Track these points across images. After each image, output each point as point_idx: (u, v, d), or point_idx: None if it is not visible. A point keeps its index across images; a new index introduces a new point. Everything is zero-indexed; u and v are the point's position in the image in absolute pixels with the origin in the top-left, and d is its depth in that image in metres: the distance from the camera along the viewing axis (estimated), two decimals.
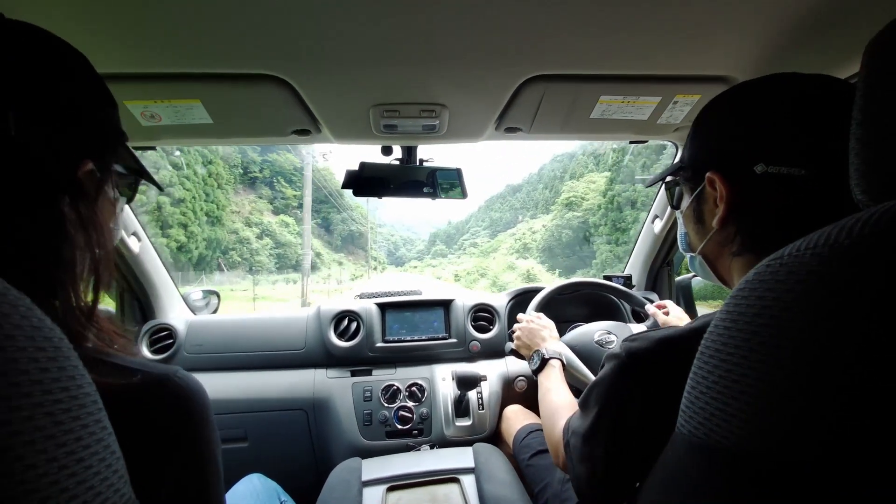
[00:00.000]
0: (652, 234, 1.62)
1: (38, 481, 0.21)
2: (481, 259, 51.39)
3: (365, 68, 0.77)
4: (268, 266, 37.38)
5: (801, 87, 0.50)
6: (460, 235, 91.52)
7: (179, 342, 1.48)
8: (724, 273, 0.59)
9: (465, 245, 75.90)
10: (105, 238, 0.44)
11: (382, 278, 56.92)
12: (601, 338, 1.20)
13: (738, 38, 0.74)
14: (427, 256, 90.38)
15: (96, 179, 0.43)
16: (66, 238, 0.39)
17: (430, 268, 68.86)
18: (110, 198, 0.47)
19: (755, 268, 0.34)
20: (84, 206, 0.40)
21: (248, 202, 41.84)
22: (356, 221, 66.15)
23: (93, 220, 0.42)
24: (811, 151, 0.47)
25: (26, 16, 0.58)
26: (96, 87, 0.44)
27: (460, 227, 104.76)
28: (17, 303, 0.23)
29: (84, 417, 0.25)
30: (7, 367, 0.21)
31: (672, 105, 0.95)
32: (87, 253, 0.41)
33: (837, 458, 0.27)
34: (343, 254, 59.63)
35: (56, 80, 0.39)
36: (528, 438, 1.18)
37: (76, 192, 0.40)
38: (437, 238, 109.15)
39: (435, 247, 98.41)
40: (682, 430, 0.37)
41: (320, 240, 58.06)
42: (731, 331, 0.34)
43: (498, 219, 78.79)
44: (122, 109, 0.85)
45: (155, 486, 0.41)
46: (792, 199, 0.48)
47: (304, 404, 1.42)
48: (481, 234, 79.59)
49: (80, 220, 0.40)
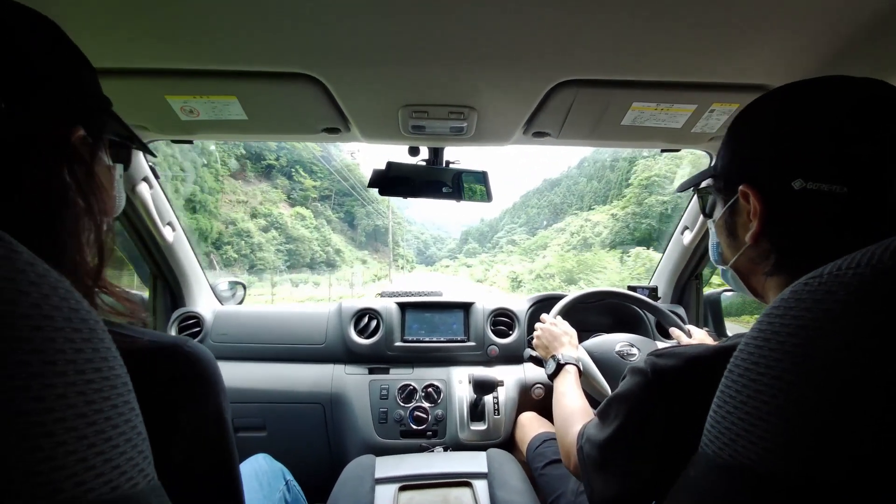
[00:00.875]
0: (681, 246, 1.57)
1: (66, 458, 0.22)
2: (523, 257, 45.65)
3: (396, 68, 0.78)
4: (274, 263, 31.45)
5: (851, 93, 0.46)
6: (494, 233, 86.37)
7: (206, 330, 1.53)
8: (759, 289, 0.56)
9: (500, 243, 69.33)
10: (105, 203, 0.45)
11: (411, 278, 52.99)
12: (623, 349, 1.17)
13: (780, 44, 0.71)
14: (460, 255, 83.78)
15: (89, 145, 0.44)
16: (67, 204, 0.40)
17: (465, 268, 61.04)
18: (106, 164, 0.48)
19: (792, 286, 0.33)
20: (82, 172, 0.41)
21: (261, 192, 36.77)
22: (382, 216, 60.30)
23: (91, 184, 0.42)
24: (855, 167, 0.43)
25: (73, 11, 0.62)
26: (71, 53, 0.44)
27: (494, 224, 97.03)
28: (57, 284, 0.24)
29: (114, 398, 0.26)
30: (44, 345, 0.22)
31: (708, 114, 0.92)
32: (89, 218, 0.42)
33: (870, 479, 0.26)
34: (367, 251, 54.25)
35: (30, 47, 0.39)
36: (542, 447, 1.17)
37: (72, 158, 0.41)
38: (468, 236, 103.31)
39: (467, 245, 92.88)
40: (707, 450, 0.36)
41: (343, 236, 51.50)
42: (762, 350, 0.32)
43: (535, 215, 74.22)
44: (163, 103, 0.88)
45: (165, 451, 0.42)
46: (831, 218, 0.45)
47: (322, 398, 1.44)
48: (517, 231, 72.04)
49: (79, 186, 0.41)
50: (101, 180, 0.45)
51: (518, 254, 50.41)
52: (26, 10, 0.40)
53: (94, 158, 0.44)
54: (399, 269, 60.34)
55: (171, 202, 1.40)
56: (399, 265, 62.44)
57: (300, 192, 42.62)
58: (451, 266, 70.20)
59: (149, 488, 0.27)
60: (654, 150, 1.21)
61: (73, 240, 0.40)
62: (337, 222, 51.11)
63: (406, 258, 71.54)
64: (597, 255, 24.01)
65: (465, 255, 79.77)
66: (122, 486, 0.25)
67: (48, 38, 0.42)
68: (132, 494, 0.25)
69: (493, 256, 60.06)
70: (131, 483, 0.26)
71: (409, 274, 61.44)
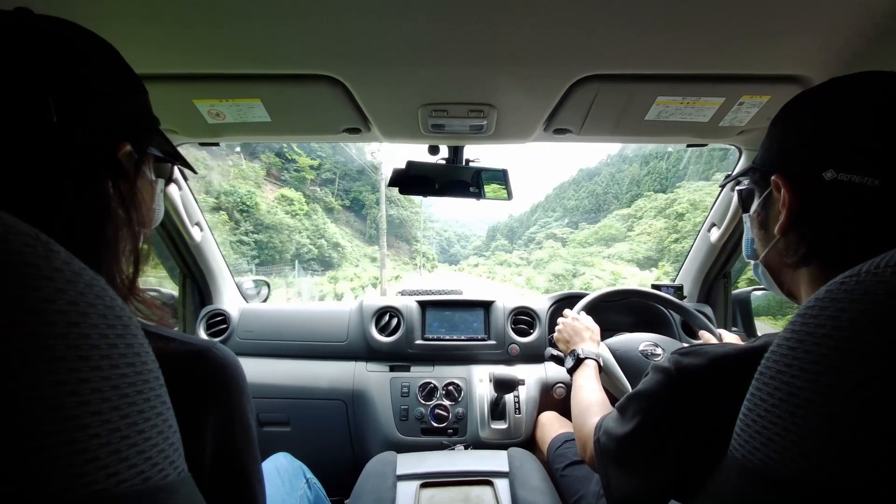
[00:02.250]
0: (708, 243, 1.53)
1: (99, 450, 0.23)
2: (579, 248, 38.63)
3: (416, 68, 0.78)
4: (235, 259, 21.41)
5: (888, 87, 0.45)
6: (525, 229, 77.12)
7: (232, 327, 1.57)
8: (789, 285, 0.55)
9: (536, 238, 60.01)
10: (144, 216, 0.47)
11: (433, 278, 45.05)
12: (646, 349, 1.14)
13: (815, 33, 0.68)
14: (486, 252, 76.75)
15: (134, 161, 0.46)
16: (109, 216, 0.42)
17: (505, 267, 48.96)
18: (149, 179, 0.50)
19: (827, 284, 0.31)
20: (124, 186, 0.44)
21: (234, 166, 26.33)
22: (398, 205, 50.45)
23: (133, 198, 0.45)
24: (888, 160, 0.42)
25: (106, 19, 0.64)
26: (125, 74, 0.47)
27: (524, 219, 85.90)
28: (93, 282, 0.25)
29: (146, 392, 0.26)
30: (80, 341, 0.23)
31: (737, 106, 0.89)
32: (128, 229, 0.44)
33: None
34: (378, 247, 39.89)
35: (87, 67, 0.42)
36: (562, 448, 1.16)
37: (116, 172, 0.43)
38: (496, 232, 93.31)
39: (495, 242, 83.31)
40: (736, 454, 0.35)
41: (348, 227, 41.43)
42: (796, 351, 0.31)
43: (575, 207, 63.64)
44: (191, 107, 0.91)
45: (197, 452, 0.43)
46: (861, 210, 0.44)
47: (344, 395, 1.46)
48: (553, 225, 61.96)
49: (122, 199, 0.43)
50: (143, 194, 0.47)
51: (574, 245, 42.11)
52: (84, 30, 0.43)
53: (137, 173, 0.46)
54: (417, 269, 51.77)
55: (199, 203, 1.44)
56: (416, 263, 54.02)
57: (295, 174, 34.74)
58: (482, 264, 61.55)
59: (179, 480, 0.28)
60: (680, 145, 1.18)
61: (111, 249, 0.42)
62: (342, 212, 41.93)
63: (427, 256, 61.82)
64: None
65: (491, 253, 72.45)
66: (153, 478, 0.25)
67: (103, 59, 0.44)
68: (163, 486, 0.26)
69: (529, 253, 51.30)
70: (162, 474, 0.26)
71: (429, 274, 51.70)
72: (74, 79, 0.40)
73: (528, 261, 44.37)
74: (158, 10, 0.63)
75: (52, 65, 0.39)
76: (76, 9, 0.62)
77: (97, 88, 0.42)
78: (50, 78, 0.38)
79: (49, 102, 0.37)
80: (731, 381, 0.46)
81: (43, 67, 0.38)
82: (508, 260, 54.52)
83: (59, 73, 0.39)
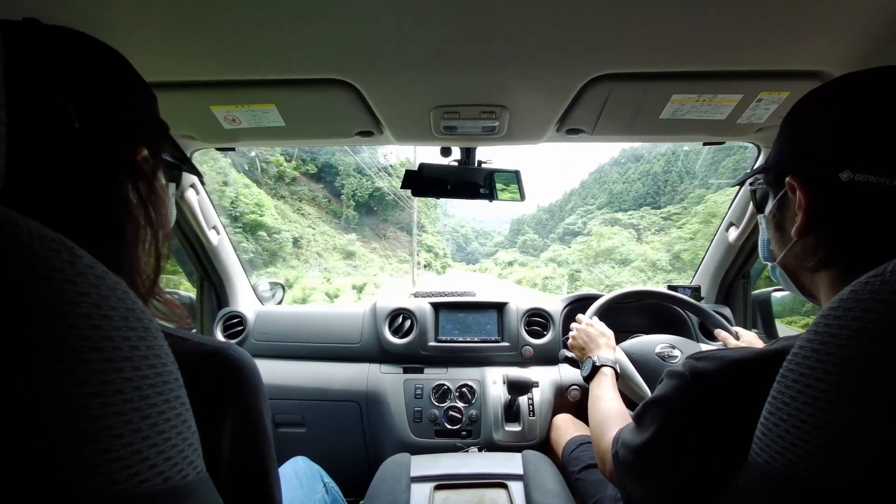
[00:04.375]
0: (725, 243, 1.50)
1: (122, 450, 0.23)
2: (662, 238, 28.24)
3: (427, 71, 0.78)
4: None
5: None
6: (558, 221, 65.23)
7: (249, 329, 1.59)
8: (809, 287, 0.54)
9: (573, 230, 50.48)
10: (164, 217, 0.49)
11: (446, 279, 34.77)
12: (663, 351, 1.12)
13: (836, 27, 0.66)
14: (512, 248, 65.61)
15: (150, 165, 0.47)
16: (129, 218, 0.43)
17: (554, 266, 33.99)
18: (162, 183, 0.51)
19: (851, 285, 0.31)
20: (144, 188, 0.45)
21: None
22: (392, 174, 34.92)
23: (153, 200, 0.46)
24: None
25: (127, 31, 0.66)
26: (136, 80, 0.48)
27: (554, 210, 73.50)
28: (115, 286, 0.26)
29: (166, 393, 0.27)
30: (103, 343, 0.24)
31: (755, 103, 0.87)
32: (148, 231, 0.45)
33: None
34: (361, 236, 30.67)
35: (102, 74, 0.43)
36: (577, 451, 1.14)
37: (136, 176, 0.44)
38: (523, 225, 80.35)
39: (522, 236, 68.96)
40: (758, 459, 0.34)
41: (314, 206, 28.08)
42: (820, 354, 0.30)
43: (623, 191, 52.40)
44: (208, 113, 0.93)
45: (215, 451, 0.44)
46: (881, 212, 0.42)
47: (358, 397, 1.47)
48: (595, 213, 51.65)
49: (142, 201, 0.44)
50: (161, 196, 0.48)
51: (658, 236, 31.17)
52: (93, 39, 0.44)
53: (154, 177, 0.48)
54: (423, 269, 37.69)
55: (216, 207, 1.47)
56: (423, 262, 38.50)
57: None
58: (526, 262, 46.00)
59: (198, 479, 0.29)
60: (696, 143, 1.16)
61: (132, 250, 0.43)
62: (320, 192, 29.01)
63: (435, 253, 45.23)
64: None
65: (518, 250, 60.26)
66: (173, 478, 0.26)
67: (116, 65, 0.46)
68: (182, 485, 0.27)
69: (568, 248, 39.86)
70: (182, 474, 0.27)
71: (438, 277, 38.68)
72: (92, 85, 0.41)
73: (588, 254, 30.72)
74: (177, 19, 0.65)
75: (69, 72, 0.40)
76: (98, 16, 0.63)
77: (114, 94, 0.43)
78: (69, 84, 0.39)
79: (70, 108, 0.38)
80: (748, 385, 0.45)
81: (61, 74, 0.39)
82: (561, 255, 37.99)
83: (77, 80, 0.40)
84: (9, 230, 0.22)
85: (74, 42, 0.42)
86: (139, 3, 0.61)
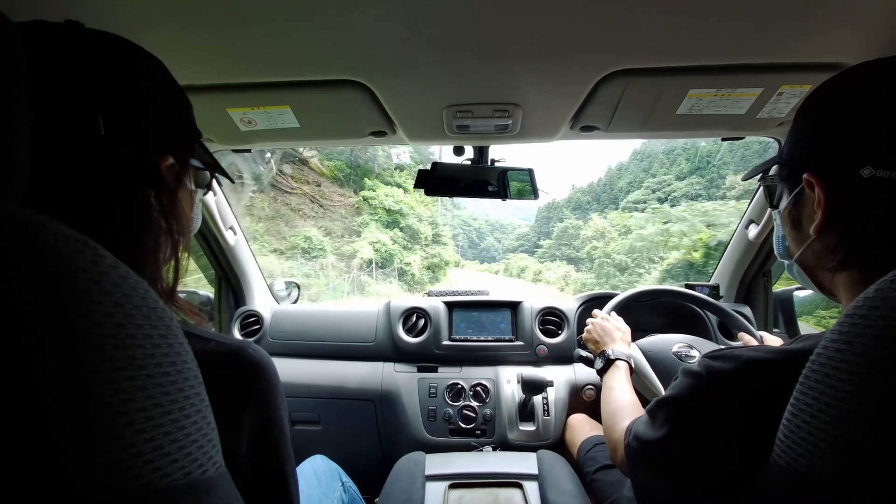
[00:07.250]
0: (745, 241, 1.46)
1: (144, 445, 0.24)
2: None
3: (440, 70, 0.78)
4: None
5: None
6: (605, 202, 51.76)
7: (265, 328, 1.62)
8: (828, 285, 0.52)
9: (639, 208, 37.18)
10: (184, 226, 0.49)
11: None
12: (680, 350, 1.11)
13: (860, 18, 0.64)
14: (546, 239, 49.68)
15: (176, 172, 0.47)
16: (150, 226, 0.44)
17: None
18: (189, 189, 0.52)
19: (876, 283, 0.30)
20: (166, 197, 0.45)
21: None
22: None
23: (174, 209, 0.46)
24: None
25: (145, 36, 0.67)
26: (171, 88, 0.48)
27: (598, 192, 57.79)
28: (137, 286, 0.27)
29: (187, 390, 0.28)
30: (126, 341, 0.24)
31: (776, 97, 0.85)
32: (168, 239, 0.46)
33: None
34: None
35: (135, 83, 0.43)
36: (593, 451, 1.13)
37: (159, 184, 0.45)
38: (553, 212, 62.74)
39: (562, 223, 48.01)
40: (780, 461, 0.33)
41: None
42: (844, 354, 0.29)
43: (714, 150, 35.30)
44: (225, 116, 0.95)
45: (234, 447, 0.45)
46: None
47: (373, 395, 1.48)
48: (678, 186, 38.75)
49: (163, 210, 0.45)
50: (183, 205, 0.49)
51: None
52: (134, 46, 0.45)
53: (178, 184, 0.48)
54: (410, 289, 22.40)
55: (233, 208, 1.50)
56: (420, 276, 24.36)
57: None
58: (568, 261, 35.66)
59: (217, 475, 0.29)
60: (714, 139, 1.14)
61: (152, 257, 0.44)
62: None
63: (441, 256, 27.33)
64: None
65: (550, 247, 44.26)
66: (193, 473, 0.26)
67: (152, 74, 0.46)
68: (202, 480, 0.27)
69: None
70: (201, 469, 0.27)
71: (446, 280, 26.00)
72: (125, 94, 0.42)
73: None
74: (193, 24, 0.66)
75: (104, 79, 0.40)
76: (119, 22, 0.65)
77: (146, 104, 0.44)
78: (100, 92, 0.40)
79: (98, 117, 0.39)
80: (766, 385, 0.44)
81: (96, 81, 0.40)
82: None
83: (111, 88, 0.41)
84: (34, 232, 0.23)
85: (114, 48, 0.43)
86: (156, 10, 0.62)
